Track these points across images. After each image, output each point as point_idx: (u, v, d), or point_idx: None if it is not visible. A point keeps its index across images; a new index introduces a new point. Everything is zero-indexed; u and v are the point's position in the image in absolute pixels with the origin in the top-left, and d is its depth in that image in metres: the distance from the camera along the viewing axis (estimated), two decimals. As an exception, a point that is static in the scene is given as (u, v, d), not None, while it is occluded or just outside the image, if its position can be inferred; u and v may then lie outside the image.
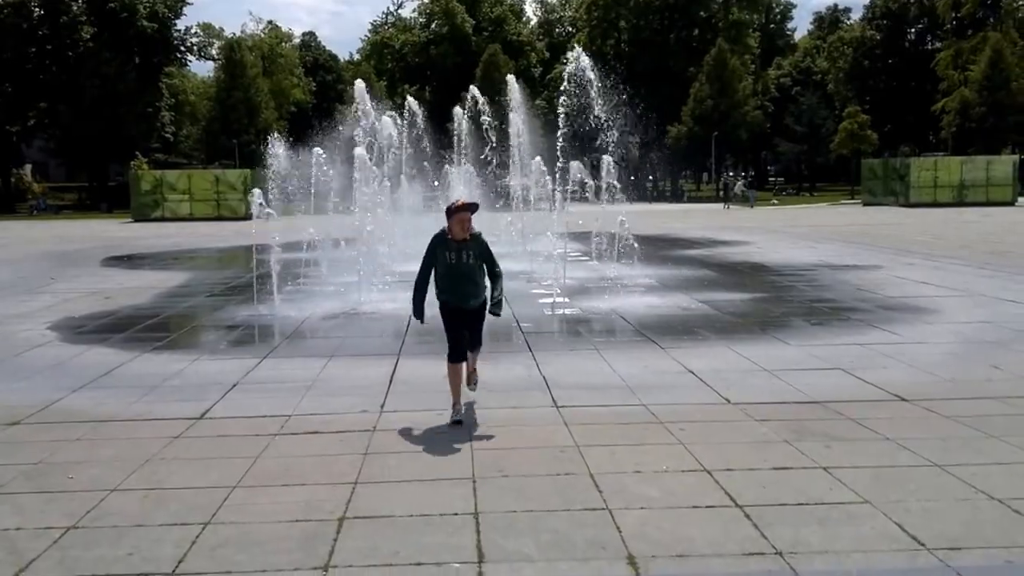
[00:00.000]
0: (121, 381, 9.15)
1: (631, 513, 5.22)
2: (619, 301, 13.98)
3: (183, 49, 75.34)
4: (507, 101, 24.19)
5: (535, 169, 19.77)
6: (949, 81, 71.53)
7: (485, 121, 24.55)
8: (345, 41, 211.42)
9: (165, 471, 6.17)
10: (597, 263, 18.02)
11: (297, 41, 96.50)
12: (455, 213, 7.28)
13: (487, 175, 26.17)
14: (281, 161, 20.92)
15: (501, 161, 25.28)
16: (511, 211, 24.29)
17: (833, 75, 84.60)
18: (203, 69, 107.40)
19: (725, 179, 68.41)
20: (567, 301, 14.20)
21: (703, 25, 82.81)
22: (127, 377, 9.34)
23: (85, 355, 10.59)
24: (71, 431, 7.19)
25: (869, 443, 6.54)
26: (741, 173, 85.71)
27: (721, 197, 61.56)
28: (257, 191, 15.16)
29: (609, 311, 13.26)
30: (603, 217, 17.18)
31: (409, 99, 29.00)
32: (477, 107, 25.17)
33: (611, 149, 16.54)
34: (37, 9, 65.15)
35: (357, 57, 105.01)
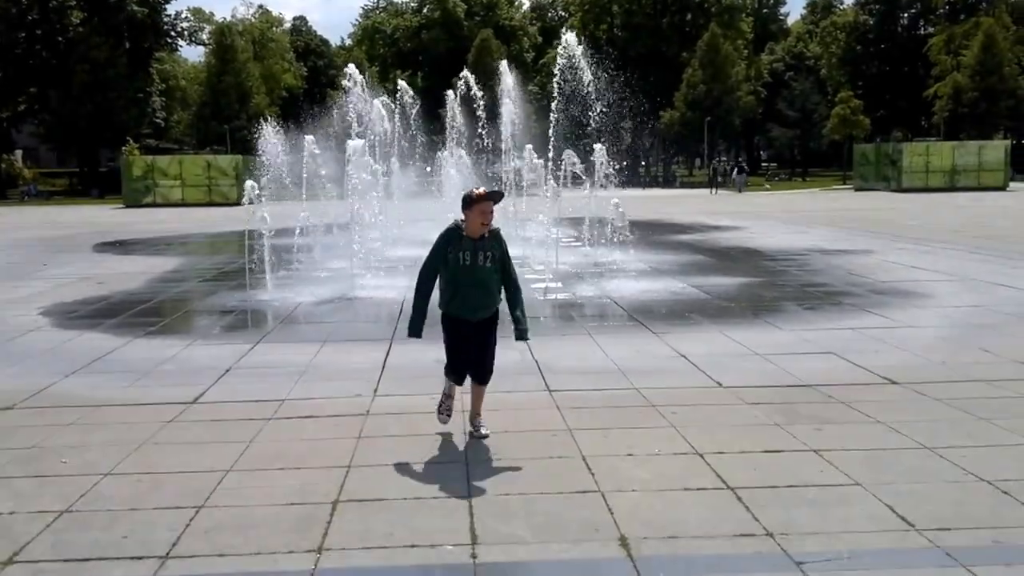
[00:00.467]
0: (114, 366, 9.14)
1: (623, 496, 5.26)
2: (611, 286, 14.01)
3: (173, 34, 74.89)
4: (499, 86, 24.13)
5: (527, 156, 19.78)
6: (942, 66, 71.48)
7: (477, 106, 24.50)
8: (336, 26, 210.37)
9: (159, 455, 6.18)
10: (590, 248, 18.04)
11: (288, 26, 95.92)
12: (476, 203, 6.06)
13: (480, 160, 26.14)
14: (273, 147, 20.85)
15: (494, 146, 25.25)
16: (504, 196, 24.23)
17: (826, 60, 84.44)
18: (194, 54, 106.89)
19: (714, 165, 68.40)
20: (560, 286, 14.22)
21: (696, 10, 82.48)
22: (120, 362, 9.34)
23: (78, 340, 10.57)
24: (64, 416, 7.19)
25: (860, 426, 6.59)
26: (737, 159, 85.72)
27: (719, 182, 61.52)
28: (250, 182, 15.15)
29: (602, 296, 13.29)
30: (595, 203, 17.19)
31: (401, 83, 28.90)
32: (470, 92, 25.09)
33: (603, 136, 16.55)
34: (27, -7, 64.67)
35: (348, 42, 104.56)
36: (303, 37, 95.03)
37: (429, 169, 29.04)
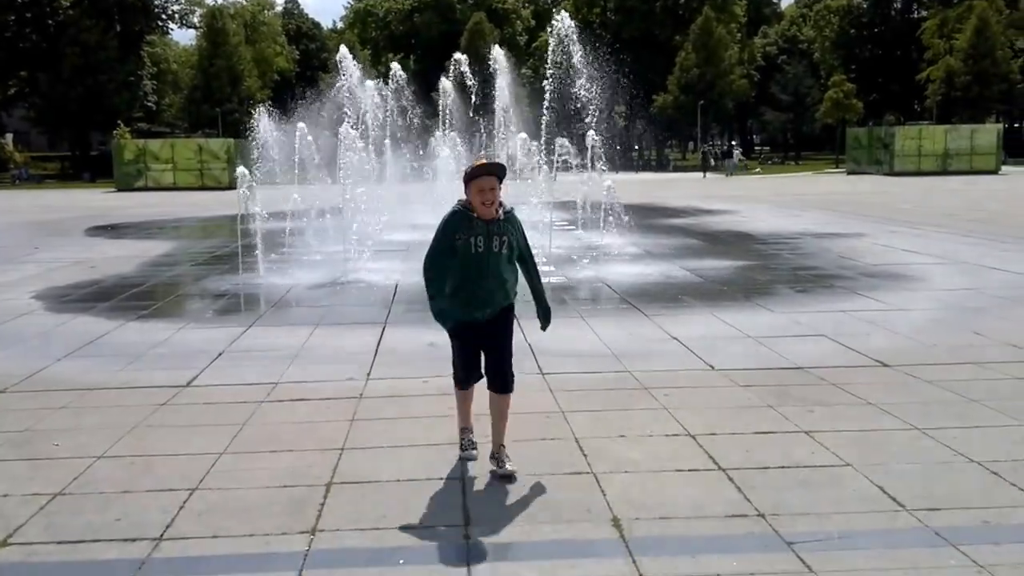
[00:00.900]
0: (106, 349, 9.12)
1: (616, 477, 5.28)
2: (604, 269, 14.02)
3: (164, 17, 74.47)
4: (492, 69, 24.04)
5: (520, 142, 19.74)
6: (934, 50, 71.47)
7: (471, 89, 24.42)
8: (328, 9, 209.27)
9: (152, 438, 6.18)
10: (583, 232, 18.04)
11: (279, 9, 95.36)
12: (474, 178, 5.12)
13: (473, 144, 26.07)
14: (265, 131, 20.78)
15: (487, 130, 25.18)
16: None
17: (819, 44, 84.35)
18: (185, 37, 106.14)
19: (704, 149, 68.40)
20: (553, 269, 14.21)
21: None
22: (112, 345, 9.32)
23: (70, 324, 10.55)
24: (57, 399, 7.18)
25: (851, 408, 6.61)
26: (728, 143, 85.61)
27: (710, 166, 61.56)
28: (242, 168, 15.10)
29: (594, 279, 13.30)
30: (588, 187, 17.18)
31: (394, 65, 28.78)
32: (462, 75, 25.00)
33: (595, 122, 16.52)
34: (16, -24, 64.17)
35: (340, 25, 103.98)
36: (295, 20, 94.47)
37: (422, 153, 28.98)
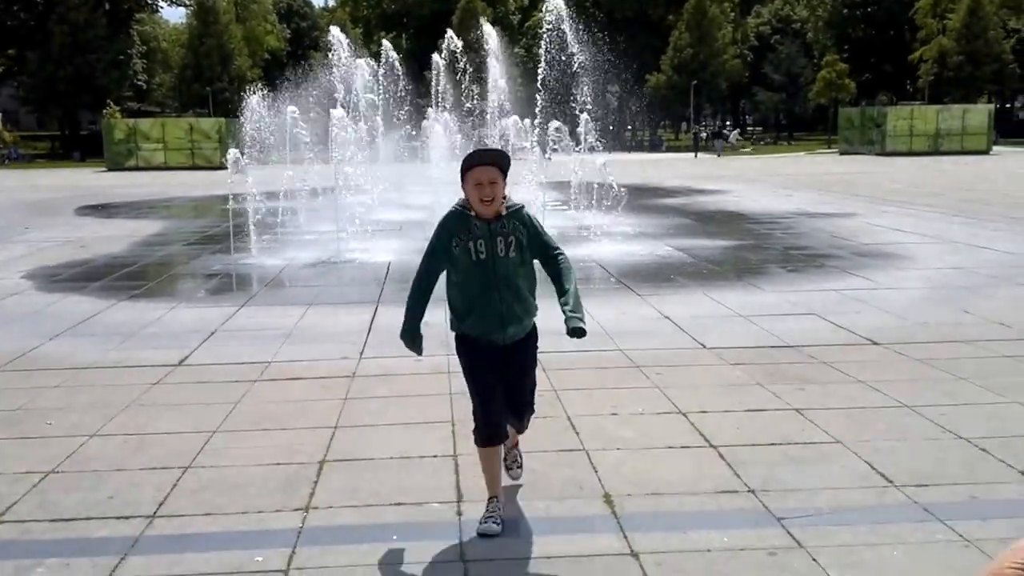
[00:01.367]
0: (98, 329, 9.12)
1: (608, 454, 5.31)
2: (597, 249, 14.02)
3: (154, -5, 73.72)
4: (485, 48, 23.91)
5: (512, 123, 19.69)
6: (927, 30, 71.35)
7: (463, 68, 24.30)
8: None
9: (145, 417, 6.19)
10: (576, 212, 18.02)
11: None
12: (469, 169, 4.22)
13: (466, 124, 25.97)
14: (256, 111, 20.67)
15: (480, 109, 25.08)
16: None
17: (812, 23, 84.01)
18: (175, 15, 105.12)
19: (696, 129, 68.33)
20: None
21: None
22: (104, 325, 9.31)
23: (61, 303, 10.53)
24: (49, 378, 7.18)
25: (841, 385, 6.66)
26: (719, 124, 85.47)
27: (701, 146, 61.49)
28: (234, 151, 15.04)
29: (587, 259, 13.30)
30: (581, 168, 17.16)
31: (385, 43, 28.61)
32: (454, 54, 24.87)
33: (589, 102, 16.49)
34: (3, -48, 63.49)
35: (332, 3, 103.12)
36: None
37: (415, 133, 28.87)
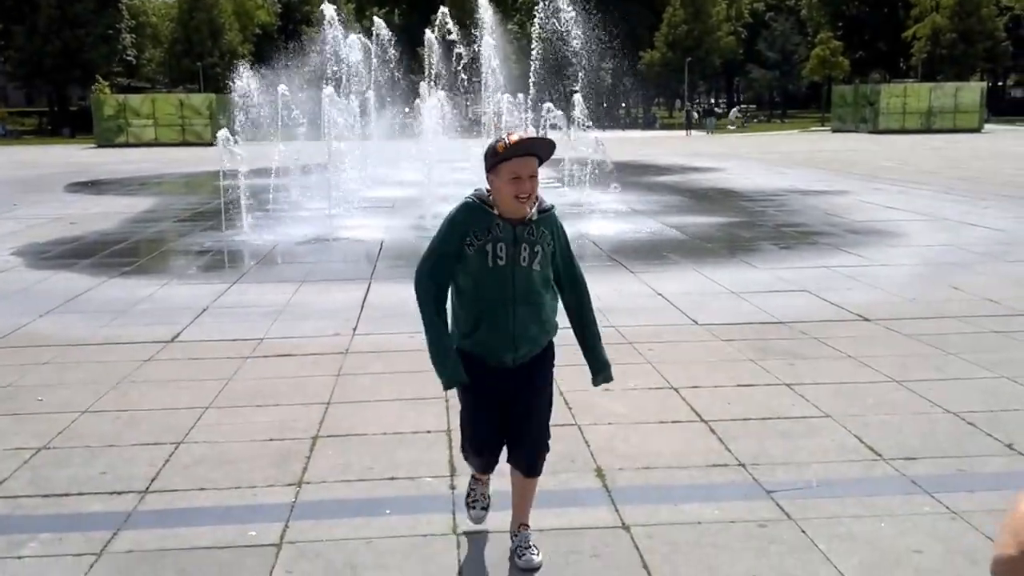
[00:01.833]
0: (89, 306, 9.09)
1: (599, 428, 5.34)
2: (590, 226, 14.01)
3: (143, -32, 72.96)
4: (478, 22, 23.76)
5: (505, 101, 19.64)
6: (921, 7, 71.16)
7: (455, 45, 24.15)
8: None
9: (137, 393, 6.19)
10: (568, 189, 17.98)
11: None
12: (510, 159, 3.46)
13: (459, 101, 25.86)
14: (247, 87, 20.53)
15: (473, 87, 24.95)
16: (483, 138, 24.08)
17: (806, 1, 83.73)
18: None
19: (688, 108, 68.20)
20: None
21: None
22: (95, 301, 9.28)
23: (52, 280, 10.49)
24: (40, 355, 7.16)
25: (831, 361, 6.69)
26: (711, 102, 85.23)
27: (694, 124, 61.39)
28: (224, 131, 14.93)
29: (580, 236, 13.28)
30: (575, 145, 17.10)
31: (377, 20, 28.41)
32: (447, 30, 24.69)
33: (583, 77, 16.44)
34: (-12, -74, 62.66)
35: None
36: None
37: (408, 109, 28.72)
